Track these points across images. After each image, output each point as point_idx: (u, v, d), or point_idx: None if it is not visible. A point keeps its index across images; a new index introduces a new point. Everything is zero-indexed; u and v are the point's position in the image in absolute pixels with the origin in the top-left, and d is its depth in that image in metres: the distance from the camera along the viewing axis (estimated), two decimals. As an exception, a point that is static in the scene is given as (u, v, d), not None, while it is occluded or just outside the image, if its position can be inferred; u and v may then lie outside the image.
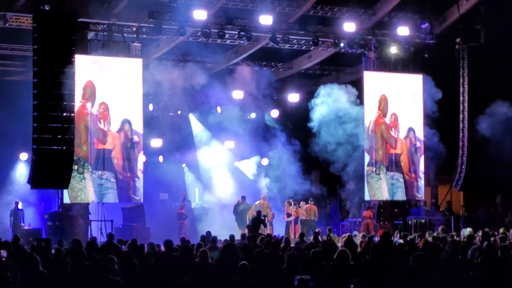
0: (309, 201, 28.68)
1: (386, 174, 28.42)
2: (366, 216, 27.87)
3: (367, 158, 28.18)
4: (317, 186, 32.43)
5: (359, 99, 28.23)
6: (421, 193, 29.31)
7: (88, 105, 24.66)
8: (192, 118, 32.80)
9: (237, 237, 22.32)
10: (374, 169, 28.30)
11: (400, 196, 28.82)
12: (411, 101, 28.82)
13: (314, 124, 28.17)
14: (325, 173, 30.01)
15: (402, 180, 28.83)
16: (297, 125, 30.88)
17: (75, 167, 24.00)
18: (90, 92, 24.67)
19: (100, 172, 24.85)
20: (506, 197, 30.13)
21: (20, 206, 26.42)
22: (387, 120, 28.58)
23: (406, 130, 28.94)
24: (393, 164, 28.60)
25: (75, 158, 23.52)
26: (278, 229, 28.19)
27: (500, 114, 26.30)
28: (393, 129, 28.66)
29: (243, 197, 28.94)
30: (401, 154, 28.83)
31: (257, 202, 28.12)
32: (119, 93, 25.21)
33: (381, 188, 28.39)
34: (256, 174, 32.06)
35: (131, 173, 25.44)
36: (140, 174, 25.60)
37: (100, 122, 24.95)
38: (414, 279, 9.89)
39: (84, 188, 24.49)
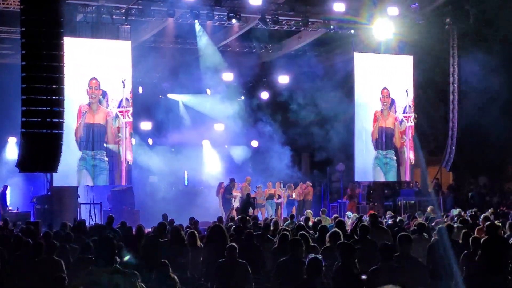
0: (307, 183, 28.62)
1: (377, 152, 27.95)
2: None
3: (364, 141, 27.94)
4: (307, 168, 32.46)
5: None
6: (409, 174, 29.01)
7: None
8: (181, 100, 32.68)
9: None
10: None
11: (392, 177, 28.46)
12: (401, 82, 28.71)
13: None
14: (313, 155, 29.96)
15: (395, 158, 28.37)
16: (287, 107, 30.81)
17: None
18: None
19: (92, 152, 24.53)
20: (493, 177, 30.28)
21: (8, 190, 26.32)
22: (379, 95, 28.20)
23: (394, 106, 28.51)
24: (384, 141, 28.05)
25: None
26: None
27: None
28: (384, 104, 28.27)
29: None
30: (394, 128, 28.33)
31: (241, 185, 27.81)
32: (108, 75, 25.05)
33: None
34: (245, 159, 31.88)
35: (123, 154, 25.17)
36: (130, 156, 25.42)
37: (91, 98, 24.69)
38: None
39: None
